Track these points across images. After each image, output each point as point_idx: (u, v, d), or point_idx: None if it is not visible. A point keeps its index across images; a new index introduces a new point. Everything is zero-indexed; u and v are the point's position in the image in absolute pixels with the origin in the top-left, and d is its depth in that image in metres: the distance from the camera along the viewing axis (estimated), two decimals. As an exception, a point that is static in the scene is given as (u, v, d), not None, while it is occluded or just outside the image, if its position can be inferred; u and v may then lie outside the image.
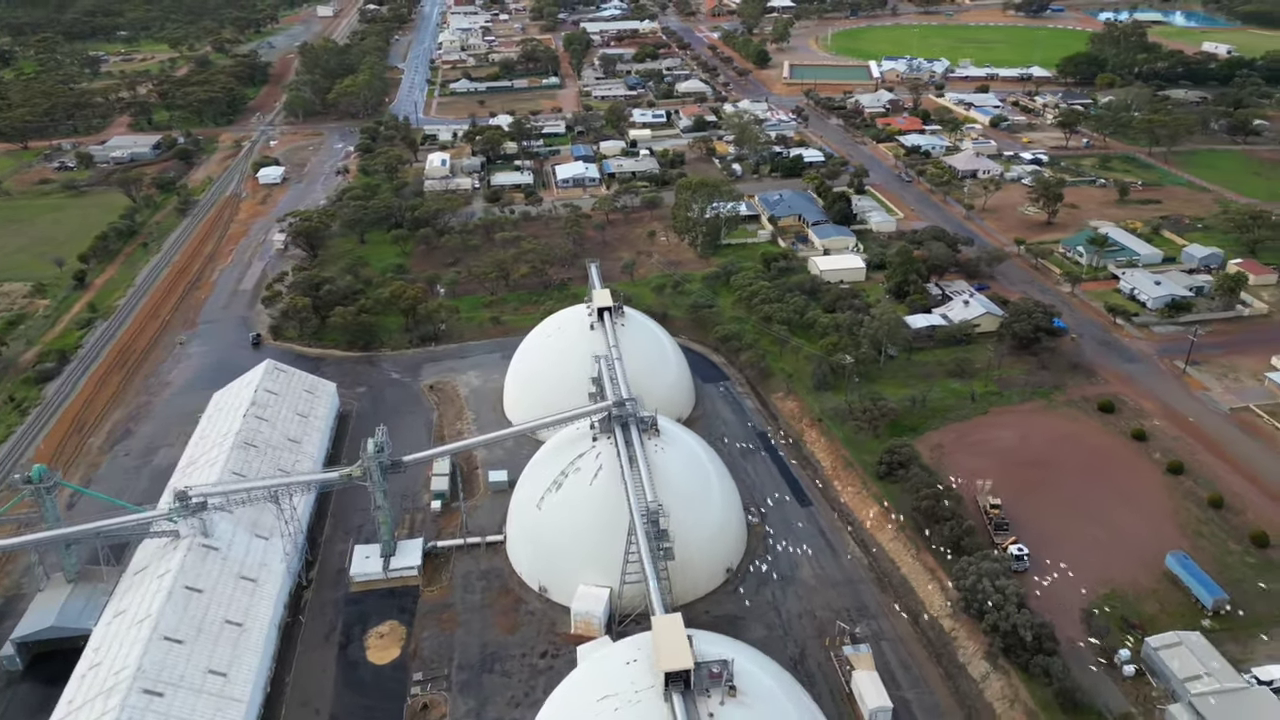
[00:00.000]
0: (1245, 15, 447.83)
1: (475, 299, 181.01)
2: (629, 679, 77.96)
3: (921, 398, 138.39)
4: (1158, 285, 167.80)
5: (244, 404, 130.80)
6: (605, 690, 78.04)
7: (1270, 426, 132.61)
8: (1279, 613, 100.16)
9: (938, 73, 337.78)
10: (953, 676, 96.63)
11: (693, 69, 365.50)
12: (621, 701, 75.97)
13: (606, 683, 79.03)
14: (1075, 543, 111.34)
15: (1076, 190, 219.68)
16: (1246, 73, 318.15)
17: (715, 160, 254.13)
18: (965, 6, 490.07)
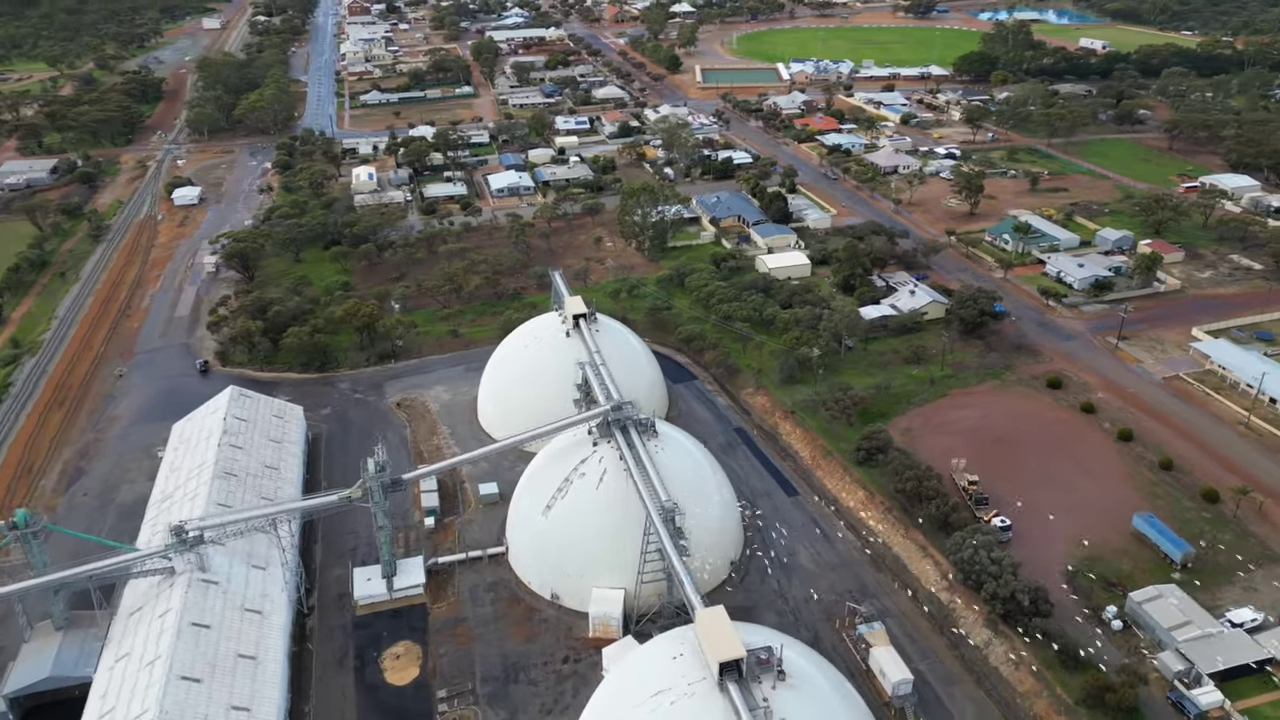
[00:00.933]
0: (1112, 12, 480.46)
1: (428, 313, 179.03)
2: (679, 673, 79.77)
3: (886, 385, 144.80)
4: (1081, 268, 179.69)
5: (215, 433, 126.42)
6: (656, 686, 79.64)
7: (1200, 392, 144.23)
8: (1238, 561, 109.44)
9: (844, 73, 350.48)
10: (957, 645, 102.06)
11: (606, 75, 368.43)
12: (676, 695, 77.77)
13: (655, 679, 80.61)
14: (1047, 511, 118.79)
15: (990, 182, 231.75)
16: (1124, 66, 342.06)
17: (646, 165, 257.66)
18: (857, 9, 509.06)
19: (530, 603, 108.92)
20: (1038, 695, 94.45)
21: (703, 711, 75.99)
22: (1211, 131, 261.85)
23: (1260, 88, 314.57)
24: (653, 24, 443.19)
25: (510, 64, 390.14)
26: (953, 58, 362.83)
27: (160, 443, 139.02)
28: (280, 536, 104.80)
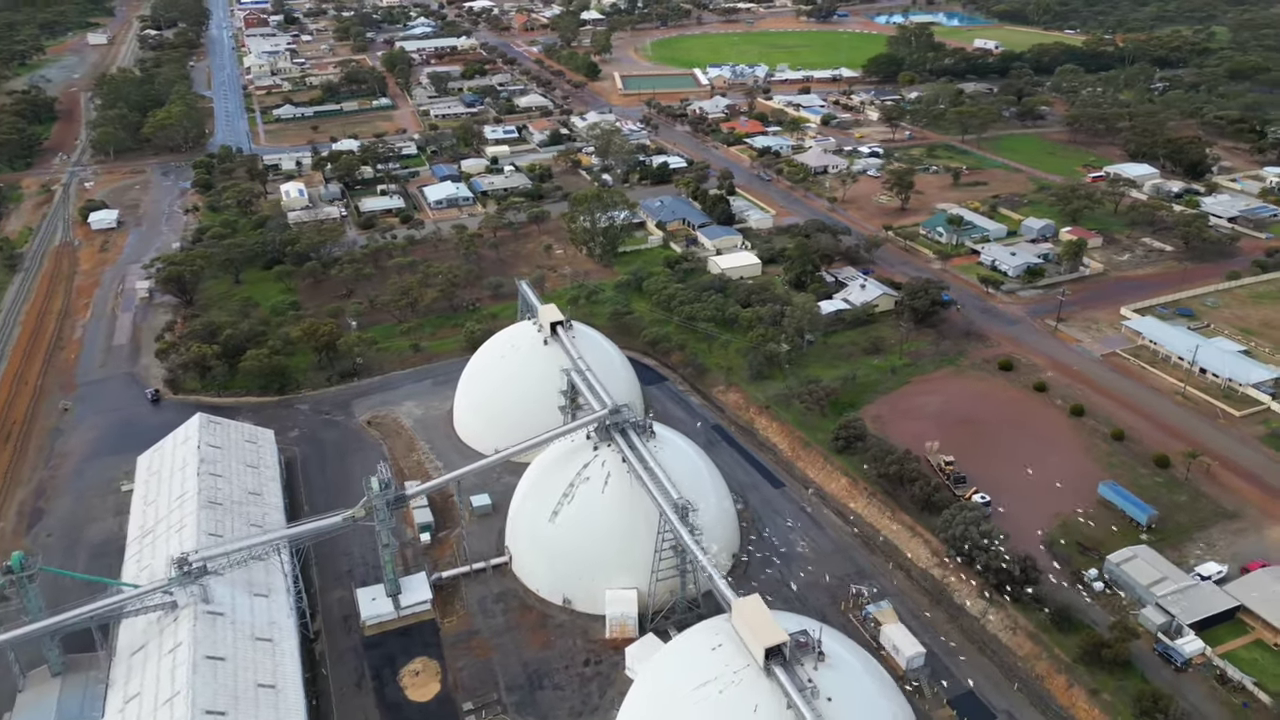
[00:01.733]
0: (999, 14, 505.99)
1: (384, 328, 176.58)
2: (721, 662, 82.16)
3: (852, 376, 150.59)
4: (1013, 256, 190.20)
5: (191, 462, 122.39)
6: (701, 678, 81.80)
7: (1137, 366, 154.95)
8: (1196, 520, 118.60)
9: (760, 77, 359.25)
10: (955, 617, 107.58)
11: (526, 83, 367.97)
12: (723, 684, 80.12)
13: (699, 671, 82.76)
14: (1018, 485, 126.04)
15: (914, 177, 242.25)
16: (1019, 65, 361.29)
17: (582, 172, 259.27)
18: (761, 15, 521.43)
19: (541, 609, 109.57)
20: (1037, 657, 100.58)
21: (752, 697, 78.56)
22: (1108, 124, 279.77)
23: (1144, 82, 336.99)
24: (565, 32, 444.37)
25: (425, 74, 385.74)
26: (860, 60, 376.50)
27: (123, 476, 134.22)
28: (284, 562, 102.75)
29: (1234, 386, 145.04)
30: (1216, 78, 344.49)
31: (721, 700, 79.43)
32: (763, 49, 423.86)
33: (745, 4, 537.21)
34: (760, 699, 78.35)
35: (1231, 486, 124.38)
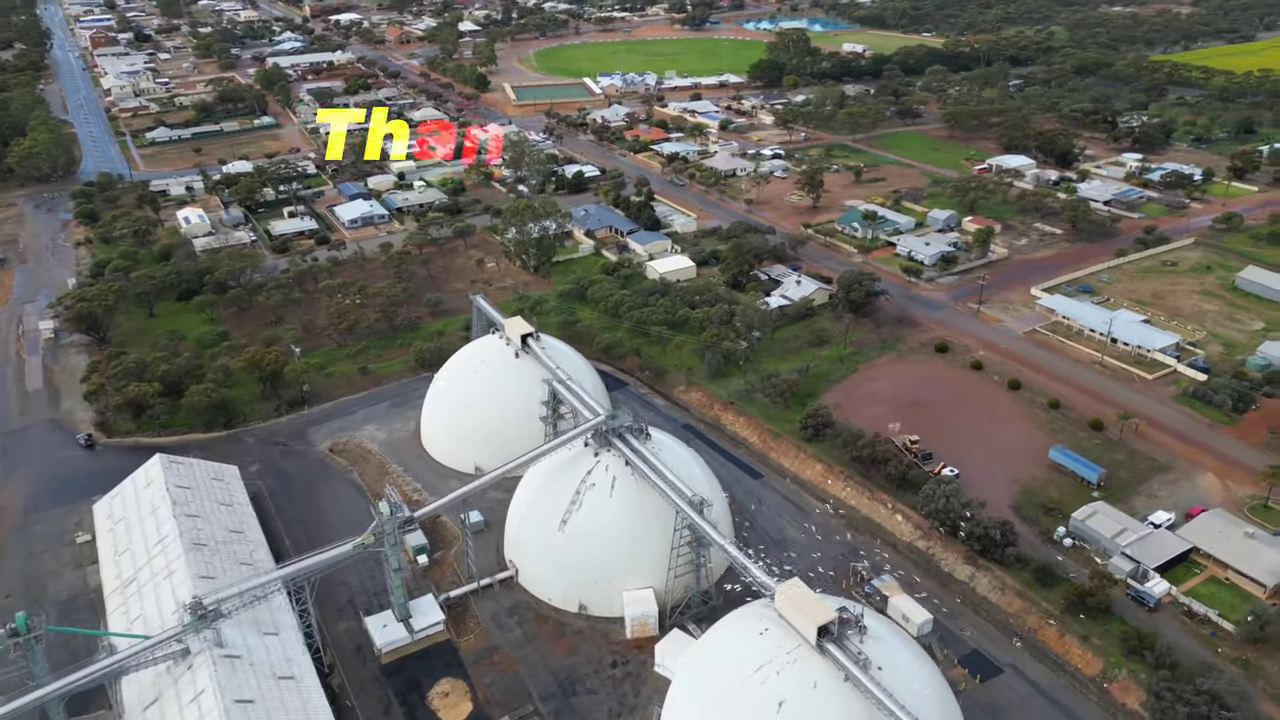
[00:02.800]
0: (860, 19, 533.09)
1: (324, 353, 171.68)
2: (773, 645, 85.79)
3: (805, 368, 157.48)
4: (927, 246, 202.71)
5: (162, 505, 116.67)
6: (755, 662, 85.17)
7: (1056, 341, 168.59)
8: (1136, 475, 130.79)
9: (651, 85, 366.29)
10: (947, 584, 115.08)
11: (415, 97, 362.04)
12: (779, 665, 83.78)
13: (751, 656, 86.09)
14: (976, 456, 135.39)
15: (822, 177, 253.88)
16: (890, 67, 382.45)
17: (496, 185, 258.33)
18: (636, 24, 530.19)
19: (557, 618, 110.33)
20: (1027, 613, 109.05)
21: (810, 674, 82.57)
22: (981, 120, 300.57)
23: (1003, 80, 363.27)
24: (445, 44, 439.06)
25: (306, 91, 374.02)
26: (740, 66, 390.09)
27: (74, 527, 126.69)
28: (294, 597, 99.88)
29: (1143, 353, 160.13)
30: (1064, 74, 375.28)
31: (781, 681, 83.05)
32: (644, 57, 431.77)
33: (620, 13, 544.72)
34: (818, 675, 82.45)
35: (1159, 442, 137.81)
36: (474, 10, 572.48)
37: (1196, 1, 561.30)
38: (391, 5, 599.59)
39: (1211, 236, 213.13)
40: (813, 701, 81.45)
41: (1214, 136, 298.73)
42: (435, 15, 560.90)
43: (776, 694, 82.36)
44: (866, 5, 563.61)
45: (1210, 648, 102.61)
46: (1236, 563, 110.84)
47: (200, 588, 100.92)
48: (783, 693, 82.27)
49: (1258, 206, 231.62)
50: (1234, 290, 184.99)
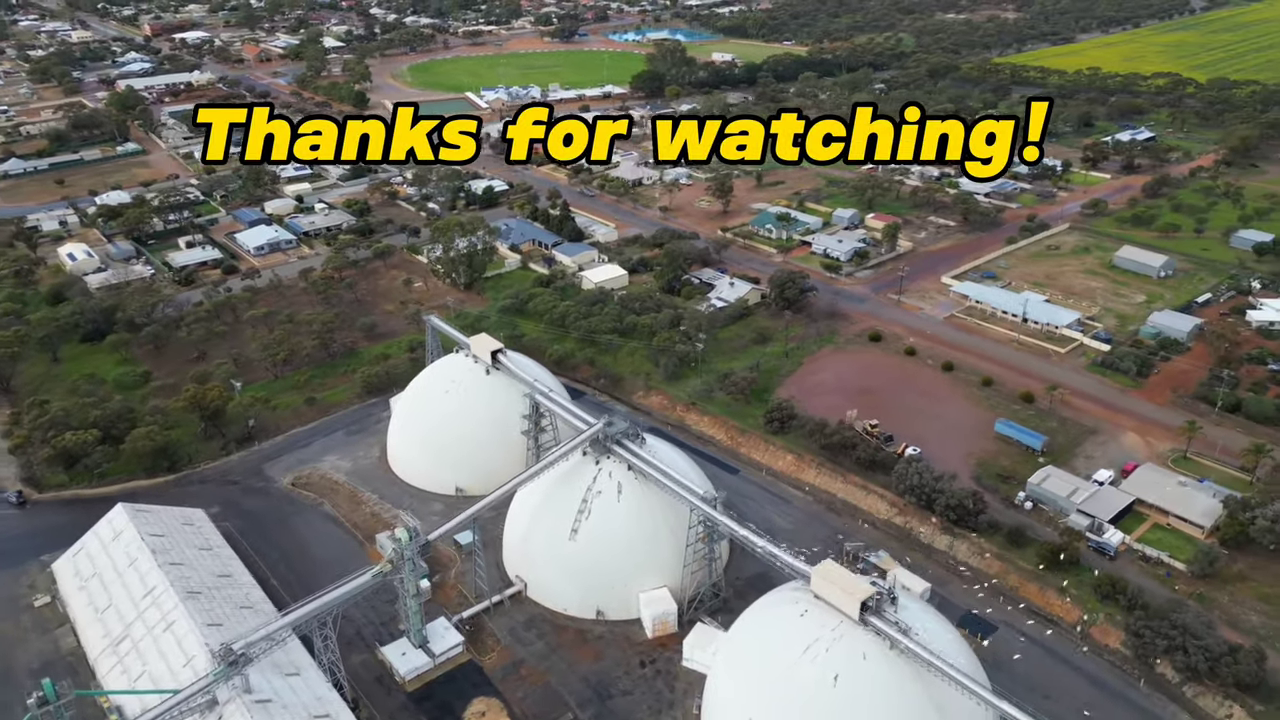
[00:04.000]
0: (723, 29, 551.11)
1: (261, 386, 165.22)
2: (816, 624, 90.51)
3: (756, 364, 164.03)
4: (841, 243, 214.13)
5: (140, 555, 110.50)
6: (802, 643, 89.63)
7: (974, 324, 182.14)
8: (1071, 440, 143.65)
9: (536, 97, 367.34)
10: (930, 555, 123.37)
11: (291, 116, 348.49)
12: (828, 641, 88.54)
13: (796, 637, 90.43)
14: (930, 435, 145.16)
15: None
16: (763, 75, 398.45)
17: (401, 203, 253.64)
18: (504, 37, 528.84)
19: (575, 627, 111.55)
20: (1006, 573, 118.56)
21: (858, 647, 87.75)
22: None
23: (868, 84, 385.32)
24: (312, 61, 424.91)
25: (167, 114, 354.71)
26: (620, 76, 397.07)
27: (28, 591, 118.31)
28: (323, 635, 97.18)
29: (1052, 330, 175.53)
30: (919, 77, 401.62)
31: (831, 657, 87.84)
32: (521, 70, 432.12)
33: (488, 27, 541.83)
34: (865, 647, 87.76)
35: (1084, 409, 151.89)
36: (332, 25, 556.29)
37: (1020, 7, 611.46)
38: (241, 22, 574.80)
39: (1083, 221, 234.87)
40: (865, 672, 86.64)
41: (1059, 130, 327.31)
42: (290, 32, 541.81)
43: (830, 670, 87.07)
44: (726, 15, 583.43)
45: (1168, 586, 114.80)
46: (1175, 509, 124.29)
47: (210, 636, 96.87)
48: (836, 667, 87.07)
49: (1115, 192, 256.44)
50: (1113, 268, 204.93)
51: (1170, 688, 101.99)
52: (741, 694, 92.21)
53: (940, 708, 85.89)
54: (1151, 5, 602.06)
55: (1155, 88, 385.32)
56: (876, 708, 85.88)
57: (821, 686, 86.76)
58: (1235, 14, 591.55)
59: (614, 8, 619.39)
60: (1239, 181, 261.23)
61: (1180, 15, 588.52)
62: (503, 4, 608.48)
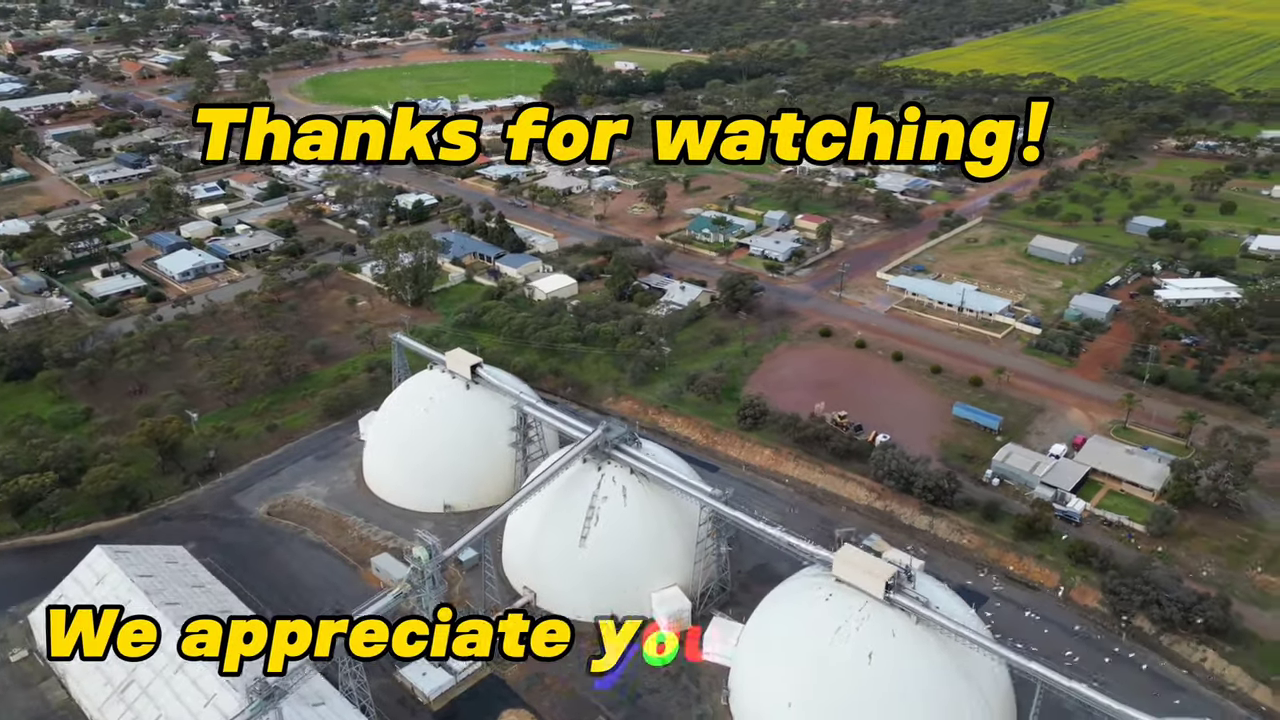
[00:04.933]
0: (621, 38, 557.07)
1: (214, 416, 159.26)
2: (843, 606, 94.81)
3: (720, 364, 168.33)
4: (777, 244, 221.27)
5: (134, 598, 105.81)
6: (831, 624, 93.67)
7: (914, 315, 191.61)
8: (1022, 418, 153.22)
9: (449, 109, 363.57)
10: (912, 535, 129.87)
11: (189, 136, 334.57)
12: (857, 622, 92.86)
13: (825, 620, 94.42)
14: (892, 422, 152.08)
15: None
16: (671, 82, 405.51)
17: (328, 221, 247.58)
18: (400, 49, 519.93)
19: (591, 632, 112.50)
20: (985, 546, 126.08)
21: (886, 624, 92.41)
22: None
23: (772, 89, 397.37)
24: (202, 77, 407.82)
25: (52, 137, 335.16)
26: (527, 87, 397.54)
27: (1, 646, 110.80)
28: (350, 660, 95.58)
29: (986, 317, 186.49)
30: (817, 81, 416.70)
31: (861, 636, 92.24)
32: (425, 82, 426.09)
33: (382, 39, 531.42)
34: (893, 624, 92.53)
35: (1028, 389, 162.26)
36: (214, 39, 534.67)
37: (897, 14, 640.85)
38: (114, 38, 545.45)
39: (993, 214, 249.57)
40: (896, 648, 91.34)
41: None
42: (169, 47, 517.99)
43: (863, 648, 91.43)
44: (622, 24, 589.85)
45: (1131, 547, 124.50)
46: (1127, 475, 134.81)
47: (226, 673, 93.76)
48: (868, 646, 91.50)
49: (1015, 186, 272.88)
50: (1029, 257, 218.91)
51: (1148, 639, 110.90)
52: (776, 680, 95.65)
53: (967, 674, 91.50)
54: (1017, 10, 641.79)
55: (1032, 87, 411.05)
56: (910, 680, 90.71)
57: (857, 665, 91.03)
58: (1091, 17, 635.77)
59: (508, 18, 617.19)
60: (1124, 173, 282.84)
61: (1043, 19, 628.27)
62: (394, 15, 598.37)
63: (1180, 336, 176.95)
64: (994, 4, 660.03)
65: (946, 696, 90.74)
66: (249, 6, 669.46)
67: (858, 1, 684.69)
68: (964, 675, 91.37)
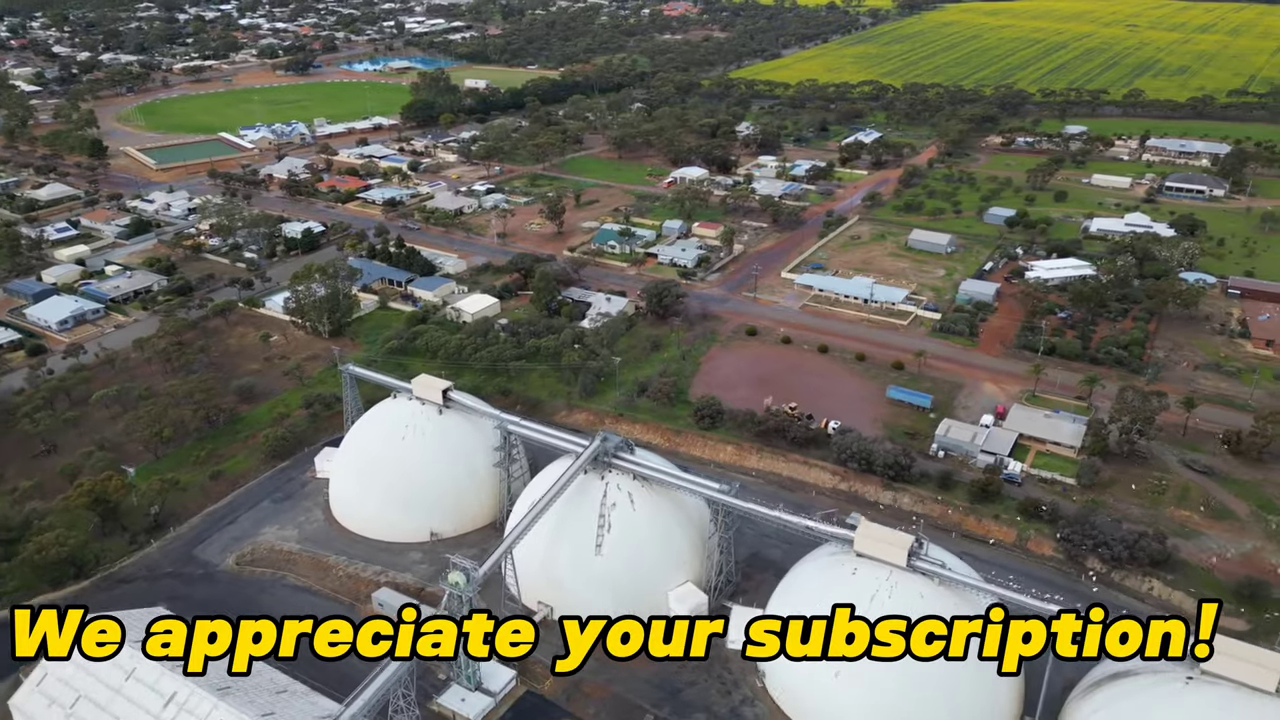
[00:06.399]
0: (464, 55, 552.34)
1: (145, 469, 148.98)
2: (870, 578, 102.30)
3: (664, 369, 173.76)
4: (684, 252, 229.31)
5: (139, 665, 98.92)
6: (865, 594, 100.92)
7: (825, 309, 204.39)
8: (946, 396, 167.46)
9: (306, 134, 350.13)
10: (879, 510, 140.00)
11: (16, 174, 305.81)
12: (888, 589, 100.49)
13: (855, 592, 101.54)
14: (835, 409, 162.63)
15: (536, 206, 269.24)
16: (528, 98, 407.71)
17: (208, 256, 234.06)
18: (229, 72, 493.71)
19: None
20: (946, 513, 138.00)
21: (914, 588, 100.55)
22: (645, 139, 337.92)
23: (629, 104, 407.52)
24: (15, 108, 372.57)
25: None
26: (381, 108, 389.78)
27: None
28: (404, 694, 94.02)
29: (890, 306, 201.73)
30: (669, 94, 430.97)
31: (893, 603, 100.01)
32: (268, 105, 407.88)
33: (208, 62, 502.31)
34: (919, 588, 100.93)
35: (943, 369, 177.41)
36: (11, 67, 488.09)
37: (724, 28, 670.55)
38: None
39: (867, 212, 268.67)
40: (926, 608, 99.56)
41: (805, 135, 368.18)
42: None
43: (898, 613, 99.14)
44: (460, 42, 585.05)
45: (1067, 499, 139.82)
46: (1050, 436, 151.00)
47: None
48: (904, 608, 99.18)
49: (877, 185, 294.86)
50: (909, 250, 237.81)
51: (1102, 576, 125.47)
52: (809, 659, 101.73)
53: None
54: (832, 22, 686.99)
55: (864, 94, 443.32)
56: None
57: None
58: (896, 28, 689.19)
59: (340, 37, 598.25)
60: (966, 169, 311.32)
61: (857, 30, 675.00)
62: (215, 37, 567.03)
63: (1056, 311, 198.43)
64: (810, 17, 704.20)
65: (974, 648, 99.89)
66: (40, 31, 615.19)
67: (686, 17, 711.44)
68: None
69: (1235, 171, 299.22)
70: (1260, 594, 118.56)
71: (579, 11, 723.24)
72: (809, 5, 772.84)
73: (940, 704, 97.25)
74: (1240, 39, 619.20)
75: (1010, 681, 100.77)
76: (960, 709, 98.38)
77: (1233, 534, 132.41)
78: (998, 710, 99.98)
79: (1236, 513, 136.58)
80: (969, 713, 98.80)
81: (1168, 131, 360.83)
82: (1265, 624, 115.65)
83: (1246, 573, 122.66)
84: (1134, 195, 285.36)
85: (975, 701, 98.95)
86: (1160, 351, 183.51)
